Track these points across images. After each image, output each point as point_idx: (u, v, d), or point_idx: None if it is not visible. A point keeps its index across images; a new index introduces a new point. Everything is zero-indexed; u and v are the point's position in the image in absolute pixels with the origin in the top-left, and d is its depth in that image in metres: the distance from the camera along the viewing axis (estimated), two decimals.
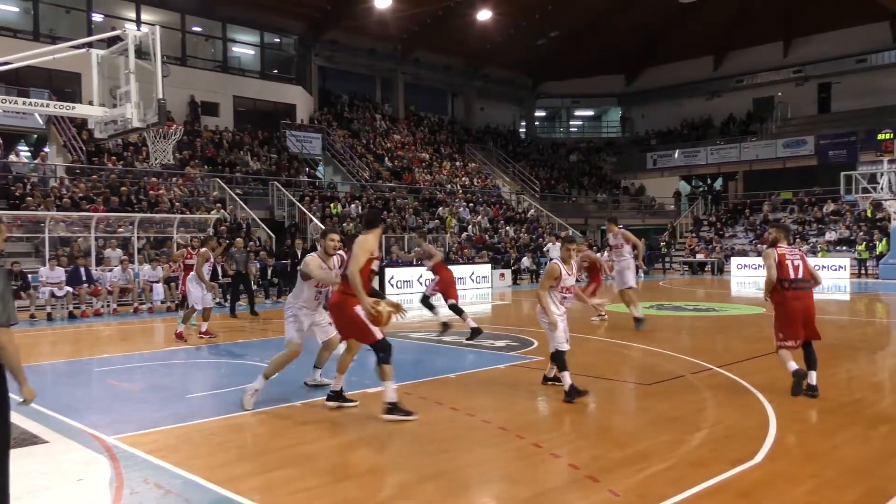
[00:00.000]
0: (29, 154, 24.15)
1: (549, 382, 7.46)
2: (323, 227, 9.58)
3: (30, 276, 15.34)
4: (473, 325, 10.66)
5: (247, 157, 26.46)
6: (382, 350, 6.08)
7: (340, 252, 6.87)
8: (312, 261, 6.69)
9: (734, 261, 28.81)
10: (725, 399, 6.83)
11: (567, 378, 6.80)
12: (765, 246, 8.00)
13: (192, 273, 11.17)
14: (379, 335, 6.08)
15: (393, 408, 6.08)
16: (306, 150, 29.44)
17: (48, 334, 12.49)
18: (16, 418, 4.44)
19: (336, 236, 6.88)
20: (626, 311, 12.23)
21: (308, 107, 31.94)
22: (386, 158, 31.93)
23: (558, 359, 6.88)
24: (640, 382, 7.63)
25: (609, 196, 39.24)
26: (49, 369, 9.06)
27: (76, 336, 12.53)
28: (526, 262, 26.13)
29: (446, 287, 10.93)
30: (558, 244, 25.80)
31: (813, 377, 6.89)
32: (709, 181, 39.66)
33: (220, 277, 16.68)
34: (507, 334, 11.45)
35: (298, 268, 7.05)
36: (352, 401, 6.68)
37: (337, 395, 6.65)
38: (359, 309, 6.07)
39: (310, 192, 25.20)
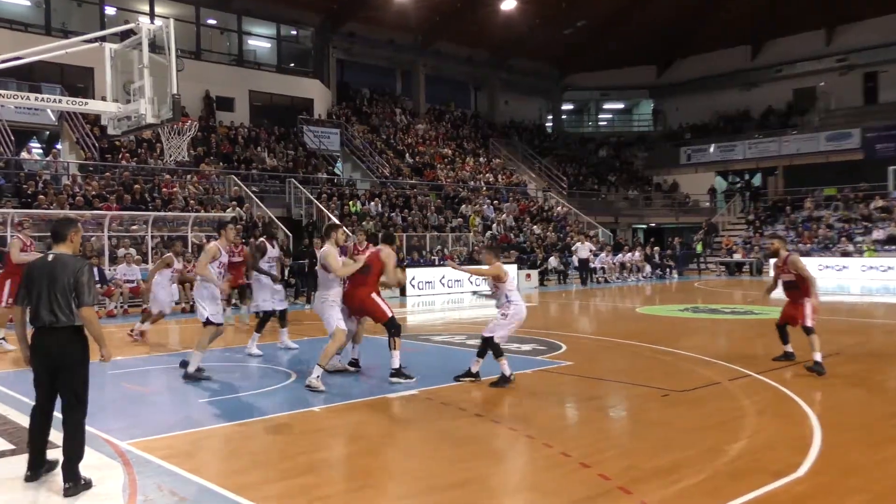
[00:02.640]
0: (41, 151, 24.05)
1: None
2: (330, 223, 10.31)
3: None
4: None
5: (263, 154, 26.06)
6: (394, 325, 7.51)
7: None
8: (331, 256, 7.43)
9: (774, 262, 27.34)
10: (765, 407, 6.64)
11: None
12: (778, 252, 9.30)
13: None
14: (389, 314, 7.52)
15: (397, 373, 7.42)
16: (324, 145, 28.97)
17: None
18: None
19: (343, 228, 8.06)
20: (657, 314, 11.37)
21: (326, 101, 31.39)
22: (407, 154, 31.24)
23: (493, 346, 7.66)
24: (675, 389, 7.35)
25: (640, 193, 38.27)
26: None
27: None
28: (553, 262, 25.08)
29: None
30: (588, 243, 25.03)
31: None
32: (746, 177, 38.50)
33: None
34: (534, 338, 10.92)
35: (319, 262, 7.79)
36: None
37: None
38: (374, 296, 7.57)
39: (328, 190, 24.75)
